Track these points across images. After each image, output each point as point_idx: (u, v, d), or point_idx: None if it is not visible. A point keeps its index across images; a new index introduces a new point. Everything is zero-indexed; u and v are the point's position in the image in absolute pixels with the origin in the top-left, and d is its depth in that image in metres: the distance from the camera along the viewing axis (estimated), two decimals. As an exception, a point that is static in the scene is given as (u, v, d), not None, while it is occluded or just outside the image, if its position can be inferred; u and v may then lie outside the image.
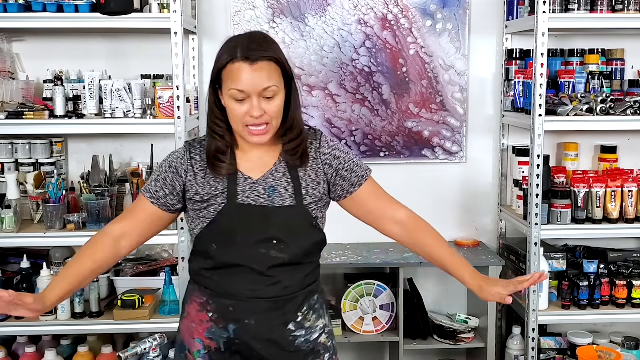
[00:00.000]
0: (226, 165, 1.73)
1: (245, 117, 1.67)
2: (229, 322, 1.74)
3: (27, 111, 2.75)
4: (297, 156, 1.76)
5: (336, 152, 1.82)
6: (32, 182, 2.88)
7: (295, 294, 1.76)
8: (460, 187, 3.35)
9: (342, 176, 1.81)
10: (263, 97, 1.66)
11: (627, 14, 2.84)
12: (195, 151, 1.79)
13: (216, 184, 1.74)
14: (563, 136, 3.28)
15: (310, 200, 1.76)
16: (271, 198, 1.73)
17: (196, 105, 3.11)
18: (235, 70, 1.64)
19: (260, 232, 1.71)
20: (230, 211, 1.71)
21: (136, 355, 2.69)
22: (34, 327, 2.78)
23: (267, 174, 1.76)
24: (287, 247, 1.72)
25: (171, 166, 1.79)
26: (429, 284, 3.38)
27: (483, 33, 3.28)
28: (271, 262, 1.71)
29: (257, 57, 1.64)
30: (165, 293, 2.85)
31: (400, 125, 3.29)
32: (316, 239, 1.79)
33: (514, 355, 3.13)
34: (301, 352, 1.78)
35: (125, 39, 3.14)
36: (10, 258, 3.04)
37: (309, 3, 3.19)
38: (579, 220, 2.92)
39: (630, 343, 2.88)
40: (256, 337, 1.73)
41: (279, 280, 1.73)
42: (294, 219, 1.74)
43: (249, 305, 1.72)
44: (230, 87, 1.66)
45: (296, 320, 1.77)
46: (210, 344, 1.77)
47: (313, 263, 1.82)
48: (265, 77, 1.65)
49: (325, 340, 1.84)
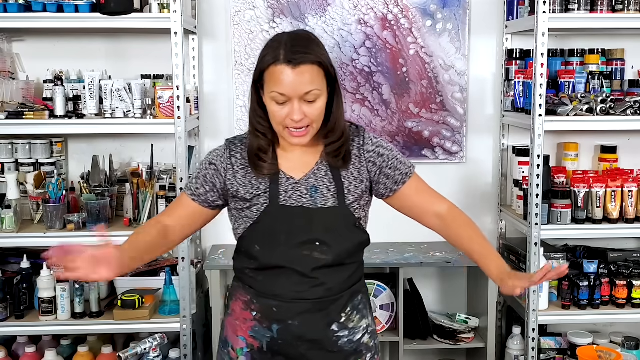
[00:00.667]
0: (267, 165, 1.72)
1: (285, 119, 1.65)
2: (273, 322, 1.74)
3: (27, 111, 2.75)
4: (339, 158, 1.74)
5: (380, 150, 1.80)
6: (32, 182, 2.88)
7: (339, 295, 1.75)
8: (460, 187, 3.35)
9: (385, 174, 1.79)
10: (304, 101, 1.64)
11: (627, 14, 2.84)
12: (236, 149, 1.78)
13: (258, 184, 1.73)
14: (563, 136, 3.28)
15: (352, 199, 1.75)
16: (313, 198, 1.72)
17: (196, 105, 3.11)
18: (278, 73, 1.62)
19: (303, 234, 1.70)
20: (273, 212, 1.71)
21: (136, 355, 2.70)
22: (34, 327, 2.78)
23: (309, 174, 1.75)
24: (330, 249, 1.71)
25: (211, 163, 1.78)
26: (429, 284, 3.38)
27: (483, 33, 3.28)
28: (314, 264, 1.71)
29: (300, 60, 1.61)
30: (165, 293, 2.86)
31: (400, 125, 3.29)
32: (359, 239, 1.78)
33: (514, 355, 3.13)
34: (344, 353, 1.78)
35: (125, 39, 3.14)
36: (10, 258, 3.04)
37: (309, 3, 3.19)
38: (579, 220, 2.92)
39: (630, 343, 2.88)
40: (299, 338, 1.73)
41: (323, 281, 1.72)
42: (337, 221, 1.73)
43: (292, 306, 1.72)
44: (272, 89, 1.64)
45: (339, 321, 1.76)
46: (254, 343, 1.76)
47: (356, 263, 1.81)
48: (307, 81, 1.62)
49: (367, 340, 1.83)
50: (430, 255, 3.10)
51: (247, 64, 3.19)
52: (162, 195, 2.79)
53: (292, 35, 1.69)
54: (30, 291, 2.82)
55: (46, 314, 2.75)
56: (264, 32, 3.18)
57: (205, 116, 3.24)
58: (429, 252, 3.14)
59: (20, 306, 2.78)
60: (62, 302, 2.75)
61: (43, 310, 2.75)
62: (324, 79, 1.67)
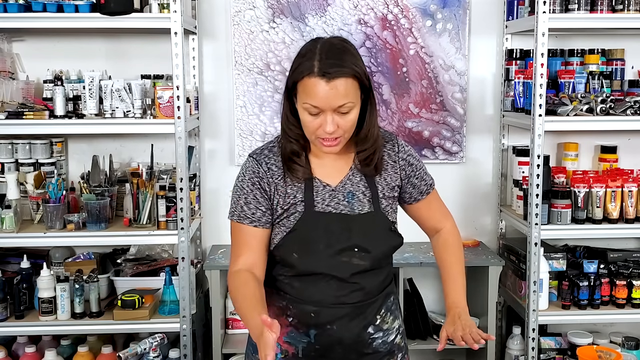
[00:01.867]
0: (302, 169, 1.71)
1: (318, 130, 1.63)
2: (310, 328, 1.73)
3: (27, 111, 2.75)
4: (371, 166, 1.74)
5: (410, 159, 1.82)
6: (32, 182, 2.88)
7: (375, 298, 1.77)
8: (460, 187, 3.35)
9: (412, 183, 1.82)
10: (338, 112, 1.62)
11: (627, 14, 2.84)
12: (269, 160, 1.74)
13: (294, 192, 1.72)
14: (563, 136, 3.28)
15: (386, 204, 1.76)
16: (350, 204, 1.73)
17: (196, 105, 3.11)
18: (311, 86, 1.59)
19: (342, 240, 1.70)
20: (310, 220, 1.70)
21: (136, 355, 2.70)
22: (34, 327, 2.78)
23: (345, 180, 1.75)
24: (368, 254, 1.72)
25: (254, 184, 1.73)
26: (429, 284, 3.38)
27: (483, 33, 3.28)
28: (353, 269, 1.71)
29: (334, 74, 1.58)
30: (165, 293, 2.85)
31: (400, 125, 3.29)
32: (394, 242, 1.79)
33: (514, 355, 3.13)
34: (378, 354, 1.79)
35: (125, 39, 3.14)
36: (10, 258, 3.04)
37: (309, 3, 3.19)
38: (579, 220, 2.92)
39: (630, 343, 2.88)
40: (337, 342, 1.73)
41: (362, 286, 1.73)
42: (374, 226, 1.73)
43: (332, 311, 1.72)
44: (305, 100, 1.61)
45: (375, 323, 1.78)
46: (289, 349, 1.75)
47: (389, 265, 1.83)
48: (341, 94, 1.59)
49: (399, 341, 1.85)
50: (430, 255, 3.10)
51: (247, 64, 3.19)
52: (162, 195, 2.79)
53: (327, 45, 1.63)
54: (30, 291, 2.82)
55: (46, 314, 2.74)
56: (264, 32, 3.18)
57: (205, 116, 3.24)
58: (428, 252, 3.13)
59: (20, 306, 2.78)
60: (62, 302, 2.75)
61: (43, 310, 2.74)
62: (358, 90, 1.64)
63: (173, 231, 2.76)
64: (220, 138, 3.28)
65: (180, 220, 2.74)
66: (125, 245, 3.07)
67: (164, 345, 2.80)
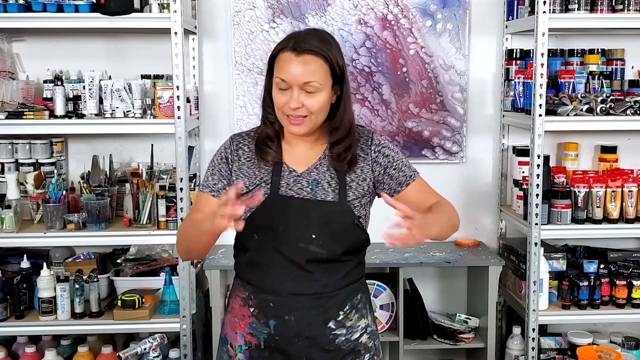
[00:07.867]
0: (273, 153, 1.76)
1: (284, 106, 1.70)
2: (270, 318, 1.75)
3: (27, 111, 2.75)
4: (344, 162, 1.76)
5: (385, 150, 1.83)
6: (32, 182, 2.88)
7: (335, 292, 1.77)
8: (460, 187, 3.35)
9: (389, 174, 1.82)
10: (304, 91, 1.68)
11: (627, 14, 2.84)
12: (243, 141, 1.83)
13: (261, 174, 1.76)
14: (563, 136, 3.28)
15: (353, 197, 1.77)
16: (314, 191, 1.75)
17: (196, 105, 3.11)
18: (283, 60, 1.68)
19: (300, 226, 1.72)
20: (272, 202, 1.73)
21: (136, 355, 2.70)
22: (34, 327, 2.78)
23: (312, 168, 1.78)
24: (326, 244, 1.73)
25: (222, 157, 1.82)
26: (429, 284, 3.38)
27: (483, 33, 3.28)
28: (309, 255, 1.72)
29: (304, 48, 1.66)
30: (165, 293, 2.86)
31: (400, 125, 3.29)
32: (357, 238, 1.79)
33: (514, 355, 3.13)
34: (341, 352, 1.78)
35: (125, 39, 3.14)
36: (10, 258, 3.04)
37: (309, 3, 3.19)
38: (579, 220, 2.92)
39: (630, 343, 2.88)
40: (296, 334, 1.74)
41: (319, 277, 1.74)
42: (335, 216, 1.74)
43: (289, 300, 1.74)
44: (276, 75, 1.70)
45: (337, 319, 1.77)
46: (251, 340, 1.78)
47: (352, 262, 1.81)
48: (309, 71, 1.66)
49: (366, 340, 1.83)
50: (430, 255, 3.10)
51: (247, 64, 3.19)
52: (162, 195, 2.79)
53: (309, 30, 1.77)
54: (30, 291, 2.82)
55: (46, 314, 2.75)
56: (264, 32, 3.18)
57: (205, 116, 3.24)
58: (428, 252, 3.14)
59: (20, 306, 2.78)
60: (62, 302, 2.75)
61: (43, 310, 2.74)
62: (328, 75, 1.70)
63: (173, 231, 2.76)
64: (220, 138, 3.25)
65: (180, 220, 2.74)
66: (125, 245, 3.07)
67: (164, 345, 2.80)
